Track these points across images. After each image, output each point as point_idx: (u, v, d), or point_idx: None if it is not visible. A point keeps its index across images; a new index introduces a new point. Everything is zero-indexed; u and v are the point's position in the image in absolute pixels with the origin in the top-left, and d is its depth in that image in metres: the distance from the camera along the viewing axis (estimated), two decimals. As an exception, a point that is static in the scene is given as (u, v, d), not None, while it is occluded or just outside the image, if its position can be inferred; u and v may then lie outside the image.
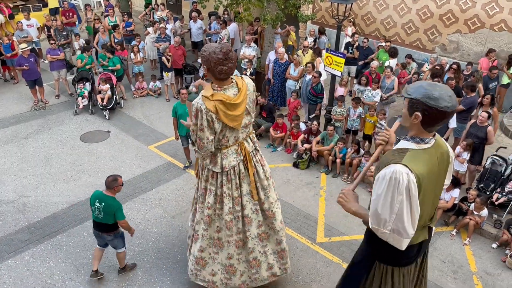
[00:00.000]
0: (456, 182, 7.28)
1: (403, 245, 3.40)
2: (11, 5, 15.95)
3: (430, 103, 3.13)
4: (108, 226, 5.73)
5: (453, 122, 8.08)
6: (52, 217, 7.30)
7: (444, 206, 7.19)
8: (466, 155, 7.65)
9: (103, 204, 5.59)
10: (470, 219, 6.99)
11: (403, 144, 3.40)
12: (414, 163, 3.23)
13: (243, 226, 5.29)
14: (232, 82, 4.75)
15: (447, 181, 3.77)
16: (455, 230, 7.21)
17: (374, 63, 10.05)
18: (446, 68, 10.37)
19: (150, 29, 13.09)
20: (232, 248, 5.31)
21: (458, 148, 7.84)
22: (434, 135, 3.38)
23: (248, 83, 4.89)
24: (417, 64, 11.17)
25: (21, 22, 13.03)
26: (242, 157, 5.06)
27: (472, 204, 7.11)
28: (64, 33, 12.97)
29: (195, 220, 5.49)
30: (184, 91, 8.36)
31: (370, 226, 3.48)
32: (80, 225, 7.13)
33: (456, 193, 7.22)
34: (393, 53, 10.98)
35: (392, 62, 10.89)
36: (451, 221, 7.39)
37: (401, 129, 3.66)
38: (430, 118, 3.19)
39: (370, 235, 3.74)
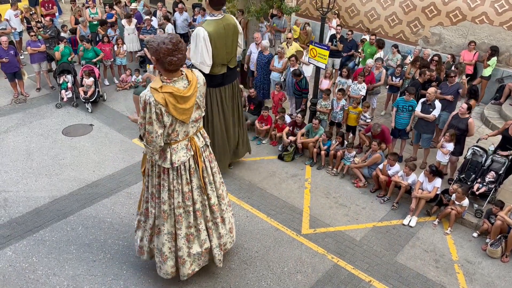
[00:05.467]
0: (437, 173, 7.39)
1: (205, 70, 6.96)
2: None
3: None
4: None
5: (436, 111, 8.19)
6: (34, 212, 7.19)
7: (427, 196, 7.31)
8: (450, 147, 7.76)
9: None
10: (452, 209, 7.12)
11: (206, 18, 6.95)
12: (207, 26, 6.80)
13: (194, 220, 5.35)
14: (182, 74, 4.70)
15: (240, 41, 7.45)
16: (437, 220, 7.34)
17: (370, 62, 10.00)
18: (428, 59, 10.49)
19: (124, 22, 12.89)
20: (182, 241, 5.36)
21: (441, 140, 7.97)
22: (222, 13, 6.96)
23: (198, 76, 4.86)
24: (402, 57, 11.26)
25: None
26: (192, 152, 5.02)
27: (454, 195, 7.24)
28: (51, 32, 12.56)
29: (152, 214, 5.39)
30: None
31: (192, 62, 7.11)
32: (63, 219, 7.04)
33: (438, 183, 7.34)
34: (382, 44, 11.01)
35: (380, 53, 10.94)
36: (433, 211, 7.52)
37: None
38: (211, 1, 6.78)
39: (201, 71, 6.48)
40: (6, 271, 6.04)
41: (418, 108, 8.30)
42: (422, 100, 8.32)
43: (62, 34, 12.64)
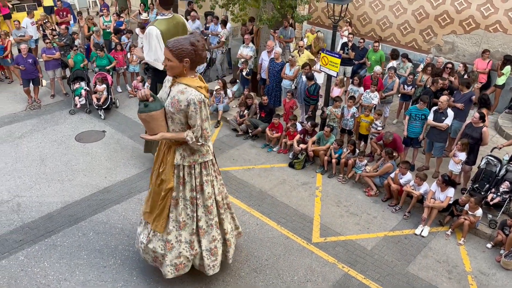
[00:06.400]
0: (450, 182, 7.30)
1: (160, 67, 7.40)
2: (10, 5, 15.86)
3: None
4: None
5: (448, 119, 8.12)
6: (46, 217, 7.26)
7: (440, 206, 7.21)
8: (463, 156, 7.67)
9: None
10: (465, 219, 7.02)
11: (157, 17, 7.47)
12: (159, 25, 7.24)
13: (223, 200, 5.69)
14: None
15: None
16: (450, 230, 7.24)
17: (378, 69, 9.95)
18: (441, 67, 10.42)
19: (137, 30, 13.05)
20: (226, 225, 5.66)
21: (454, 149, 7.88)
22: (171, 13, 7.46)
23: None
24: (413, 65, 11.19)
25: (18, 21, 12.96)
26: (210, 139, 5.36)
27: (467, 205, 7.13)
28: (66, 39, 12.71)
29: (194, 219, 5.40)
30: None
31: (147, 60, 7.59)
32: (75, 225, 7.09)
33: (451, 192, 7.24)
34: (395, 55, 10.96)
35: (391, 63, 10.88)
36: (446, 221, 7.41)
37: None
38: (162, 1, 7.25)
39: (152, 69, 7.95)
40: (18, 275, 6.09)
41: (430, 117, 8.23)
42: (434, 108, 8.26)
43: (75, 42, 12.85)
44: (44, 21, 13.90)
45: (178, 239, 5.45)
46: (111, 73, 11.65)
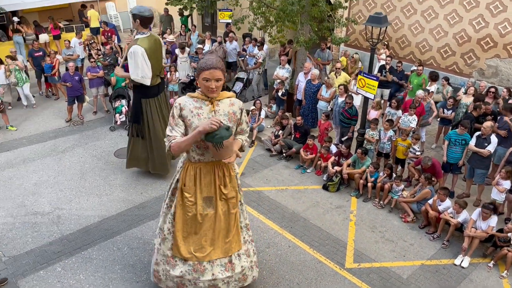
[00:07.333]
0: (493, 210, 6.98)
1: (147, 82, 7.98)
2: (61, 26, 16.75)
3: (140, 14, 7.69)
4: None
5: (491, 146, 7.82)
6: (84, 230, 7.47)
7: (481, 235, 6.90)
8: (507, 184, 7.34)
9: None
10: (509, 250, 6.67)
11: (137, 37, 7.86)
12: (142, 43, 7.71)
13: None
14: None
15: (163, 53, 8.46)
16: (492, 261, 6.89)
17: (420, 93, 9.77)
18: (484, 92, 10.09)
19: (177, 51, 13.44)
20: None
21: (497, 176, 7.57)
22: (149, 30, 8.02)
23: None
24: (453, 88, 10.92)
25: (68, 41, 13.64)
26: None
27: (510, 234, 6.79)
28: (110, 59, 13.23)
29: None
30: None
31: (133, 78, 7.94)
32: (110, 239, 7.25)
33: (493, 221, 6.92)
34: (435, 77, 10.74)
35: (433, 87, 10.66)
36: (489, 252, 7.07)
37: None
38: (143, 21, 7.76)
39: (135, 86, 8.30)
40: (55, 286, 6.25)
41: (472, 142, 7.96)
42: (477, 133, 7.99)
43: (118, 61, 13.32)
44: (90, 42, 14.59)
45: (249, 240, 5.75)
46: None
